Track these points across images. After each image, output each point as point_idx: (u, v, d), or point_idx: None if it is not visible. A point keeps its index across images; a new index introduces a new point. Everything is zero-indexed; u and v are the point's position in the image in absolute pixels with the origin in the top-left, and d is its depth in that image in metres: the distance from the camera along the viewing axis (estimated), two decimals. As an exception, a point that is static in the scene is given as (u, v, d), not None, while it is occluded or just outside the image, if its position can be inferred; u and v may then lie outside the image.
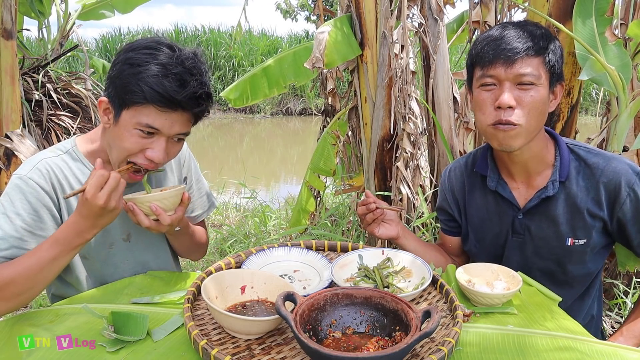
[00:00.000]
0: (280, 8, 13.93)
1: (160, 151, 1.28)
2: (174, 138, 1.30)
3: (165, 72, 1.20)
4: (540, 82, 1.28)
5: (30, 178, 1.29)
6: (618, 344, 1.08)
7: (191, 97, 1.23)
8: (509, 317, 1.19)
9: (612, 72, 2.17)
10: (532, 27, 1.32)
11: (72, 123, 4.02)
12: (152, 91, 1.19)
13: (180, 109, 1.24)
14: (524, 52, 1.27)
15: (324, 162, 3.34)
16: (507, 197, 1.44)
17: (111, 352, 1.02)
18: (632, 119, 2.34)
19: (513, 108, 1.29)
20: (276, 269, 1.36)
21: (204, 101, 1.28)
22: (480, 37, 1.37)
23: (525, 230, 1.44)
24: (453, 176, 1.61)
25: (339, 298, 1.08)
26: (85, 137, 1.43)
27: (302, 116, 13.61)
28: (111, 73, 1.27)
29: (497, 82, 1.30)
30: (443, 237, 1.69)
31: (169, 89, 1.20)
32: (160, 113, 1.23)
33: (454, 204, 1.60)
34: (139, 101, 1.21)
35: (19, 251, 1.25)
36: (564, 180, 1.37)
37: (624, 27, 2.62)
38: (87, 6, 4.80)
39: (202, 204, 1.69)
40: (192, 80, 1.23)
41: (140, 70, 1.20)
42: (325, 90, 3.62)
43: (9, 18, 3.14)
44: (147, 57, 1.21)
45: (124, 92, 1.22)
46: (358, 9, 2.94)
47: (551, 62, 1.30)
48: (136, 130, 1.25)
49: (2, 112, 3.18)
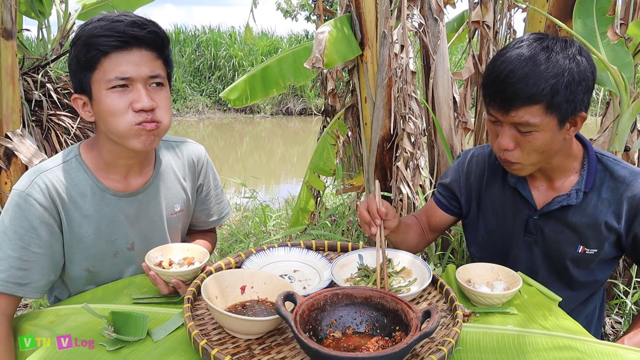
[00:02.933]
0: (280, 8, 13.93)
1: (144, 97, 1.25)
2: (151, 84, 1.28)
3: (108, 20, 1.23)
4: (541, 129, 1.21)
5: (28, 194, 1.27)
6: (618, 344, 1.08)
7: (141, 27, 1.24)
8: (509, 317, 1.19)
9: (614, 71, 2.17)
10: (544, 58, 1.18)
11: (72, 123, 4.01)
12: (103, 38, 1.21)
13: (136, 45, 1.24)
14: (520, 103, 1.18)
15: (324, 162, 3.34)
16: (526, 195, 1.41)
17: (111, 352, 1.02)
18: (634, 119, 2.34)
19: (512, 150, 1.26)
20: (276, 269, 1.36)
21: (157, 33, 1.27)
22: (491, 61, 1.28)
23: (539, 232, 1.42)
24: (475, 162, 1.55)
25: (339, 298, 1.08)
26: (88, 144, 1.40)
27: (302, 116, 13.60)
28: (69, 67, 1.30)
29: (498, 120, 1.27)
30: (433, 209, 1.63)
31: (117, 27, 1.22)
32: (121, 59, 1.23)
33: (466, 188, 1.56)
34: (97, 57, 1.22)
35: (17, 272, 1.25)
36: (588, 191, 1.34)
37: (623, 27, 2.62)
38: (88, 6, 4.79)
39: (219, 211, 1.68)
40: (134, 18, 1.25)
41: (86, 33, 1.23)
42: (325, 90, 3.61)
43: (9, 18, 3.13)
44: (95, 29, 1.23)
45: (83, 65, 1.24)
46: (358, 9, 2.94)
47: (558, 104, 1.18)
48: (110, 91, 1.24)
49: (2, 112, 3.18)
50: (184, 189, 1.54)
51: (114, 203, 1.38)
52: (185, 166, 1.54)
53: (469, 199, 1.57)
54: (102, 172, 1.37)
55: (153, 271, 1.25)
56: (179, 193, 1.53)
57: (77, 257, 1.36)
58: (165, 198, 1.49)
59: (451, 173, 1.61)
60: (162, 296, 1.28)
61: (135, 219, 1.43)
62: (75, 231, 1.34)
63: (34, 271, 1.28)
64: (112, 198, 1.38)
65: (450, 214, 1.62)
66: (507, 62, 1.21)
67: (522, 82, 1.17)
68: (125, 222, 1.41)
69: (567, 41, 1.23)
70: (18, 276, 1.25)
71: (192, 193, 1.57)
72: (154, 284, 1.28)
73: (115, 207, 1.38)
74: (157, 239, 1.48)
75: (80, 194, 1.34)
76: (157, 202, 1.47)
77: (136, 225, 1.43)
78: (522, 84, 1.17)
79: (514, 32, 3.10)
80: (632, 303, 2.44)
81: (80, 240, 1.35)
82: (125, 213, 1.40)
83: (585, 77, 1.21)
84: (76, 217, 1.34)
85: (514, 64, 1.19)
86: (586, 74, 1.21)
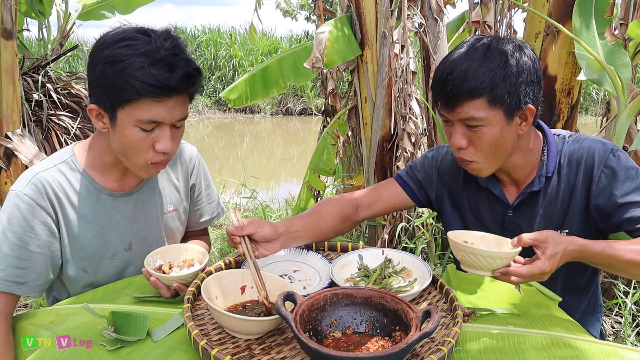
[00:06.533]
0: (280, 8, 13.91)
1: (168, 140, 1.25)
2: (175, 124, 1.28)
3: (150, 60, 1.16)
4: (488, 122, 1.23)
5: (25, 194, 1.27)
6: (618, 344, 1.08)
7: (183, 79, 1.19)
8: (509, 317, 1.19)
9: (612, 72, 2.18)
10: (481, 54, 1.22)
11: (72, 123, 4.01)
12: (143, 84, 1.15)
13: (175, 93, 1.21)
14: (462, 97, 1.22)
15: (324, 162, 3.34)
16: (498, 194, 1.42)
17: (111, 352, 1.02)
18: (632, 119, 2.35)
19: (465, 147, 1.28)
20: (276, 269, 1.36)
21: (196, 78, 1.24)
22: (438, 65, 1.31)
23: (516, 228, 1.42)
24: (450, 160, 1.53)
25: (339, 298, 1.08)
26: (83, 145, 1.40)
27: (302, 116, 13.59)
28: (92, 76, 1.22)
29: (448, 120, 1.30)
30: (392, 189, 1.57)
31: (160, 76, 1.16)
32: (157, 104, 1.19)
33: (437, 185, 1.54)
34: (133, 97, 1.17)
35: (15, 270, 1.26)
36: (551, 175, 1.36)
37: (623, 27, 2.62)
38: (88, 6, 4.79)
39: (211, 211, 1.68)
40: (179, 61, 1.19)
41: (124, 65, 1.15)
42: (326, 90, 3.61)
43: (9, 18, 3.13)
44: (126, 49, 1.16)
45: (114, 92, 1.18)
46: (358, 9, 2.94)
47: (500, 96, 1.21)
48: (137, 127, 1.22)
49: (2, 112, 3.18)
50: (177, 188, 1.54)
51: (109, 203, 1.38)
52: (178, 166, 1.54)
53: (440, 196, 1.55)
54: (98, 172, 1.38)
55: (154, 277, 1.26)
56: (172, 193, 1.53)
57: (74, 257, 1.37)
58: (159, 197, 1.49)
59: (421, 164, 1.58)
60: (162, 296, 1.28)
61: (132, 219, 1.43)
62: (72, 231, 1.35)
63: (32, 270, 1.28)
64: (108, 198, 1.38)
65: (413, 200, 1.57)
66: (448, 62, 1.27)
67: (461, 78, 1.22)
68: (122, 222, 1.41)
69: (507, 39, 1.28)
70: (16, 275, 1.26)
71: (185, 193, 1.57)
72: (155, 289, 1.28)
73: (111, 207, 1.39)
74: (154, 239, 1.48)
75: (76, 193, 1.35)
76: (152, 202, 1.47)
77: (133, 225, 1.43)
78: (461, 79, 1.22)
79: (514, 32, 3.10)
80: (632, 303, 2.45)
81: (76, 240, 1.35)
82: (122, 213, 1.41)
83: (526, 70, 1.23)
84: (73, 217, 1.34)
85: (454, 62, 1.25)
86: (526, 68, 1.24)
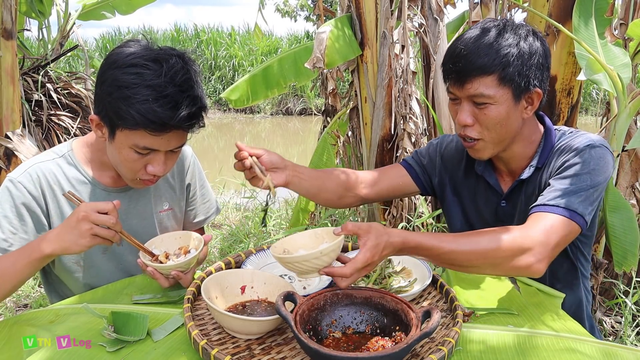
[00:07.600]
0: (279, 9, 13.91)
1: (160, 165, 1.28)
2: (172, 150, 1.30)
3: (156, 95, 1.15)
4: (495, 100, 1.24)
5: (19, 182, 1.31)
6: (618, 344, 1.08)
7: (186, 119, 1.20)
8: (509, 317, 1.19)
9: (611, 72, 2.18)
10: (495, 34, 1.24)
11: (72, 123, 4.01)
12: (143, 119, 1.16)
13: (174, 129, 1.22)
14: (473, 73, 1.23)
15: (324, 162, 3.34)
16: (492, 183, 1.43)
17: (111, 352, 1.02)
18: (632, 119, 2.35)
19: (471, 125, 1.28)
20: (276, 269, 1.36)
21: (198, 117, 1.26)
22: (451, 43, 1.33)
23: (509, 219, 1.42)
24: (454, 147, 1.54)
25: (339, 298, 1.09)
26: (82, 140, 1.43)
27: (302, 116, 13.59)
28: (99, 91, 1.23)
29: (456, 97, 1.30)
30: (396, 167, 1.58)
31: (161, 114, 1.16)
32: (155, 136, 1.21)
33: (440, 171, 1.54)
34: (132, 127, 1.19)
35: (1, 252, 1.28)
36: (541, 166, 1.35)
37: (623, 27, 2.62)
38: (88, 6, 4.79)
39: (205, 210, 1.68)
40: (184, 99, 1.18)
41: (130, 94, 1.15)
42: (326, 90, 3.62)
43: (9, 18, 3.14)
44: (134, 77, 1.16)
45: (116, 116, 1.19)
46: (358, 9, 2.95)
47: (511, 76, 1.23)
48: (132, 150, 1.24)
49: (2, 112, 3.18)
50: (172, 187, 1.55)
51: (103, 197, 1.40)
52: (174, 165, 1.55)
53: (442, 182, 1.55)
54: (94, 167, 1.40)
55: (150, 267, 1.26)
56: (167, 191, 1.54)
57: None
58: (154, 195, 1.50)
59: (426, 150, 1.59)
60: (162, 296, 1.28)
61: (126, 215, 1.44)
62: None
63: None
64: (102, 192, 1.40)
65: (417, 184, 1.57)
66: (462, 40, 1.28)
67: (474, 54, 1.23)
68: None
69: (520, 24, 1.29)
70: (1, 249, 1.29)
71: (180, 191, 1.58)
72: (153, 279, 1.28)
73: None
74: (147, 237, 1.48)
75: (71, 186, 1.37)
76: (147, 199, 1.49)
77: (126, 222, 1.43)
78: (474, 55, 1.23)
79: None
80: (632, 303, 2.45)
81: None
82: None
83: (537, 53, 1.26)
84: (66, 209, 1.37)
85: (468, 40, 1.26)
86: (538, 51, 1.26)
